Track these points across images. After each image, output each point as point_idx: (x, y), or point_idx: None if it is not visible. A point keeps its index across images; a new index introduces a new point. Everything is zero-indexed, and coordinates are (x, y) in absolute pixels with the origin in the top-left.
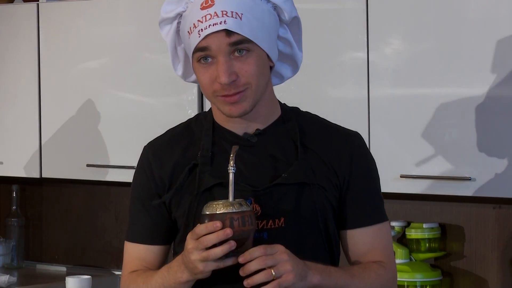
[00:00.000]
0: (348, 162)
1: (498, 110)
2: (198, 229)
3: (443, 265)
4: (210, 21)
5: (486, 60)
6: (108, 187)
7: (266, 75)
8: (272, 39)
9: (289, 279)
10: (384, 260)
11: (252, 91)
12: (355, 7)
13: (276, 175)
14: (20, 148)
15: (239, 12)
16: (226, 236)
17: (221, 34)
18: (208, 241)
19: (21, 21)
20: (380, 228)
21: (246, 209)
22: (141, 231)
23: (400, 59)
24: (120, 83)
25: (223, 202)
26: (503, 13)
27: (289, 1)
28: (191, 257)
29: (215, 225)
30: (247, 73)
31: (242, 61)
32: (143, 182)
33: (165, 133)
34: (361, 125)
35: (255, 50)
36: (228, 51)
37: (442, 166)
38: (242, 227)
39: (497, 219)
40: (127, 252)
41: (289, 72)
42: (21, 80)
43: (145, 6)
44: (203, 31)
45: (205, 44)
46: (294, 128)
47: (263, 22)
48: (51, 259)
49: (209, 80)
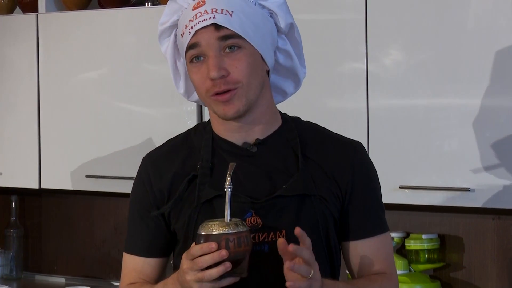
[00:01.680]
0: (350, 172)
1: (497, 121)
2: (193, 250)
3: (442, 276)
4: (200, 18)
5: (485, 71)
6: (107, 198)
7: (260, 75)
8: (266, 42)
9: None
10: (387, 271)
11: (243, 90)
12: (355, 18)
13: (277, 187)
14: (19, 158)
15: (229, 9)
16: (221, 258)
17: (210, 29)
18: (203, 262)
19: (21, 32)
20: (382, 239)
21: (242, 230)
22: (139, 243)
23: (399, 69)
24: (119, 93)
25: (219, 222)
26: (501, 24)
27: (283, 6)
28: (186, 277)
29: (210, 246)
30: (237, 69)
31: (233, 58)
32: (142, 194)
33: (164, 143)
34: (360, 135)
35: (247, 48)
36: (218, 46)
37: (441, 177)
38: (238, 248)
39: (496, 230)
40: (125, 264)
41: (291, 88)
42: (20, 90)
43: (144, 17)
44: (193, 28)
45: (194, 41)
46: (295, 138)
47: (256, 23)
48: (50, 270)
49: (201, 79)
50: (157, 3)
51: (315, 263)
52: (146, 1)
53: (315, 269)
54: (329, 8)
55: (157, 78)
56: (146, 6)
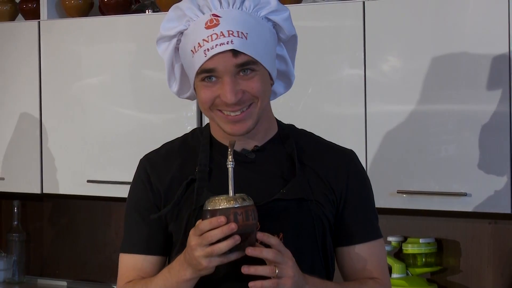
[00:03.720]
0: (345, 179)
1: (493, 127)
2: (202, 225)
3: (439, 280)
4: (216, 41)
5: (481, 77)
6: (108, 202)
7: (268, 93)
8: (272, 57)
9: (288, 284)
10: (380, 277)
11: (257, 107)
12: (353, 25)
13: (274, 191)
14: (22, 164)
15: (244, 31)
16: (231, 231)
17: (228, 55)
18: (212, 236)
19: (23, 38)
20: (375, 245)
21: (249, 204)
22: (138, 241)
23: (396, 76)
24: (119, 99)
25: (225, 197)
26: (497, 31)
27: (288, 20)
28: (194, 253)
29: (219, 220)
30: (253, 90)
31: (247, 80)
32: (141, 193)
33: (161, 147)
34: (358, 141)
35: (260, 70)
36: (234, 72)
37: (439, 182)
38: (246, 221)
39: (493, 235)
40: (122, 264)
41: (282, 89)
42: (22, 96)
43: (144, 24)
44: (209, 50)
45: (211, 66)
46: (292, 145)
47: (266, 41)
48: (52, 273)
49: (210, 97)
50: (157, 10)
51: (284, 262)
52: (146, 8)
53: (284, 267)
54: (328, 15)
55: (156, 84)
56: (146, 13)
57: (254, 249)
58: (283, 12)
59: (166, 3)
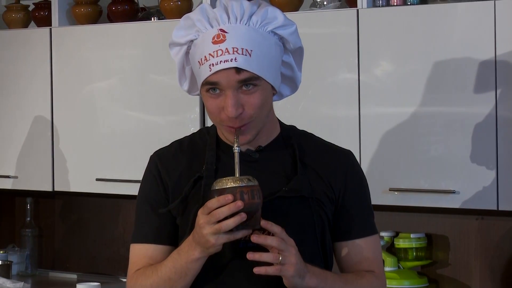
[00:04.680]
0: (343, 178)
1: (480, 128)
2: (210, 203)
3: (429, 273)
4: (221, 57)
5: (468, 81)
6: (116, 200)
7: (269, 104)
8: (276, 69)
9: (290, 270)
10: (375, 270)
11: (256, 123)
12: (347, 32)
13: (277, 189)
14: (34, 163)
15: (249, 49)
16: (238, 208)
17: (231, 71)
18: (220, 213)
19: (35, 45)
20: (371, 240)
21: (254, 183)
22: (149, 231)
23: (389, 80)
24: (127, 102)
25: (232, 178)
26: (484, 38)
27: (295, 34)
28: (203, 231)
29: (226, 198)
30: (252, 106)
31: (249, 95)
32: (153, 185)
33: (170, 144)
34: (352, 141)
35: (262, 85)
36: (236, 86)
37: (428, 180)
38: (252, 200)
39: (480, 230)
40: (133, 253)
41: (288, 91)
42: (34, 100)
43: (149, 31)
44: (214, 66)
45: (215, 80)
46: (293, 145)
47: (270, 56)
48: (62, 267)
49: (217, 109)
50: (162, 17)
51: (287, 249)
52: (152, 16)
53: (287, 255)
54: (323, 22)
55: (162, 88)
56: (152, 21)
57: (259, 237)
58: (290, 27)
59: (171, 11)
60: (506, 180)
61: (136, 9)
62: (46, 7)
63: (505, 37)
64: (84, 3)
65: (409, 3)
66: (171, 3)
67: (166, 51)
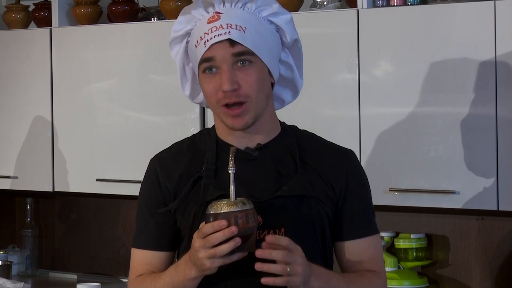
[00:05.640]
0: (344, 177)
1: (480, 128)
2: (205, 228)
3: (430, 273)
4: (215, 32)
5: (468, 82)
6: (116, 200)
7: (266, 89)
8: (273, 56)
9: (297, 281)
10: (377, 270)
11: (252, 104)
12: (348, 32)
13: (277, 188)
14: (34, 164)
15: (243, 26)
16: (232, 234)
17: (225, 44)
18: (215, 239)
19: (35, 45)
20: (372, 240)
21: (248, 207)
22: (148, 237)
23: (389, 80)
24: (127, 102)
25: (226, 202)
26: (483, 38)
27: (290, 24)
28: (198, 255)
29: (221, 224)
30: (248, 84)
31: (244, 72)
32: (151, 191)
33: (170, 146)
34: (353, 141)
35: (257, 63)
36: (231, 61)
37: (429, 180)
38: (246, 224)
39: (480, 230)
40: (134, 259)
41: (289, 97)
42: (34, 100)
43: (150, 31)
44: (208, 41)
45: (210, 55)
46: (293, 144)
47: (266, 39)
48: (63, 267)
49: (213, 90)
50: (163, 18)
51: (294, 260)
52: (152, 16)
53: (294, 266)
54: (324, 22)
55: (162, 88)
56: (152, 21)
57: (263, 251)
58: (285, 15)
59: (170, 12)
60: (506, 180)
61: (136, 9)
62: (46, 7)
63: (505, 37)
64: (84, 3)
65: (409, 3)
66: (171, 3)
67: (166, 51)
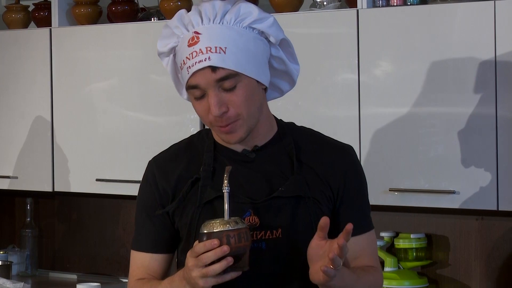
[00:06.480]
0: (342, 176)
1: (480, 128)
2: (197, 248)
3: (429, 273)
4: (195, 59)
5: (468, 82)
6: (116, 200)
7: (257, 100)
8: (260, 64)
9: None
10: (374, 264)
11: (244, 120)
12: (347, 32)
13: (273, 189)
14: (34, 164)
15: (222, 46)
16: (224, 253)
17: (207, 71)
18: (207, 258)
19: (35, 45)
20: (368, 236)
21: (241, 226)
22: (146, 240)
23: (389, 80)
24: (126, 102)
25: (219, 221)
26: (483, 38)
27: (274, 26)
28: (192, 274)
29: (213, 243)
30: (236, 104)
31: (231, 93)
32: (148, 194)
33: (169, 148)
34: (352, 141)
35: (243, 80)
36: (216, 85)
37: (428, 180)
38: (239, 243)
39: (480, 230)
40: (133, 260)
41: (287, 86)
42: (34, 100)
43: (150, 32)
44: (190, 68)
45: (194, 82)
46: (290, 144)
47: (249, 51)
48: (63, 267)
49: (204, 112)
50: (162, 18)
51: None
52: (152, 17)
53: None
54: (323, 22)
55: (162, 88)
56: (152, 21)
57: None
58: (266, 20)
59: (170, 12)
60: (506, 180)
61: (136, 9)
62: (46, 7)
63: (505, 37)
64: (84, 3)
65: (409, 3)
66: (171, 3)
67: None
